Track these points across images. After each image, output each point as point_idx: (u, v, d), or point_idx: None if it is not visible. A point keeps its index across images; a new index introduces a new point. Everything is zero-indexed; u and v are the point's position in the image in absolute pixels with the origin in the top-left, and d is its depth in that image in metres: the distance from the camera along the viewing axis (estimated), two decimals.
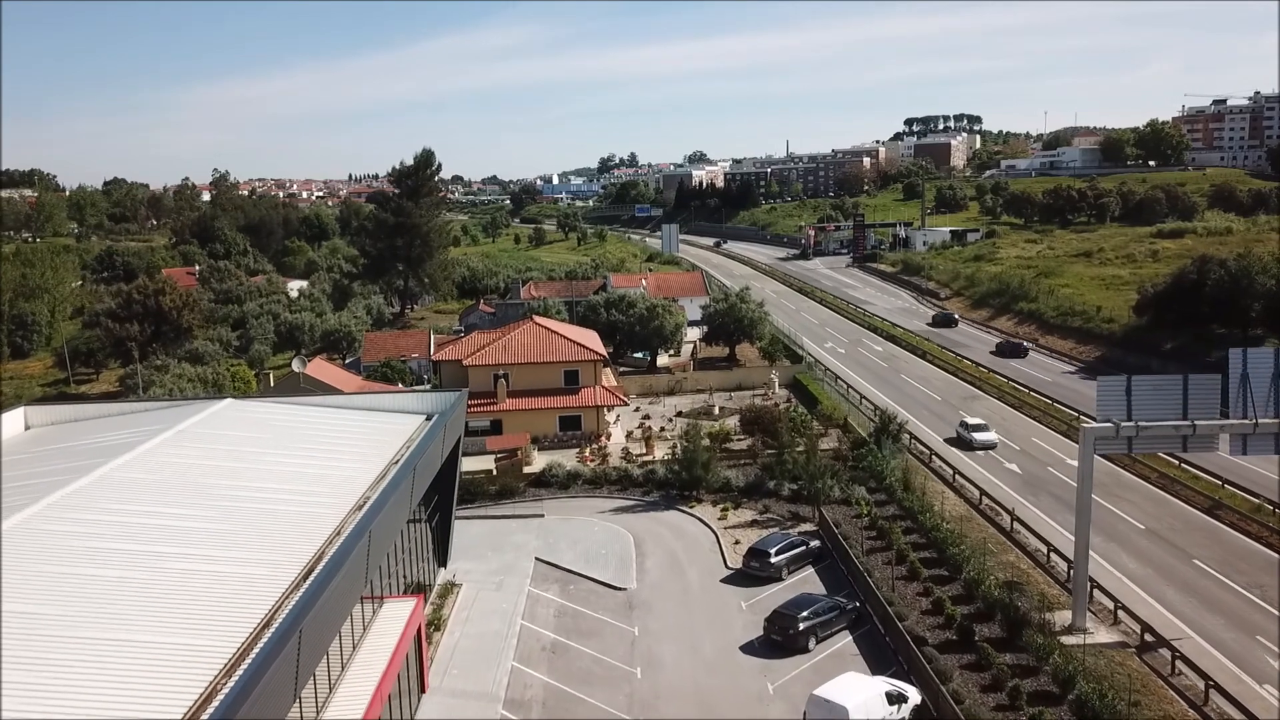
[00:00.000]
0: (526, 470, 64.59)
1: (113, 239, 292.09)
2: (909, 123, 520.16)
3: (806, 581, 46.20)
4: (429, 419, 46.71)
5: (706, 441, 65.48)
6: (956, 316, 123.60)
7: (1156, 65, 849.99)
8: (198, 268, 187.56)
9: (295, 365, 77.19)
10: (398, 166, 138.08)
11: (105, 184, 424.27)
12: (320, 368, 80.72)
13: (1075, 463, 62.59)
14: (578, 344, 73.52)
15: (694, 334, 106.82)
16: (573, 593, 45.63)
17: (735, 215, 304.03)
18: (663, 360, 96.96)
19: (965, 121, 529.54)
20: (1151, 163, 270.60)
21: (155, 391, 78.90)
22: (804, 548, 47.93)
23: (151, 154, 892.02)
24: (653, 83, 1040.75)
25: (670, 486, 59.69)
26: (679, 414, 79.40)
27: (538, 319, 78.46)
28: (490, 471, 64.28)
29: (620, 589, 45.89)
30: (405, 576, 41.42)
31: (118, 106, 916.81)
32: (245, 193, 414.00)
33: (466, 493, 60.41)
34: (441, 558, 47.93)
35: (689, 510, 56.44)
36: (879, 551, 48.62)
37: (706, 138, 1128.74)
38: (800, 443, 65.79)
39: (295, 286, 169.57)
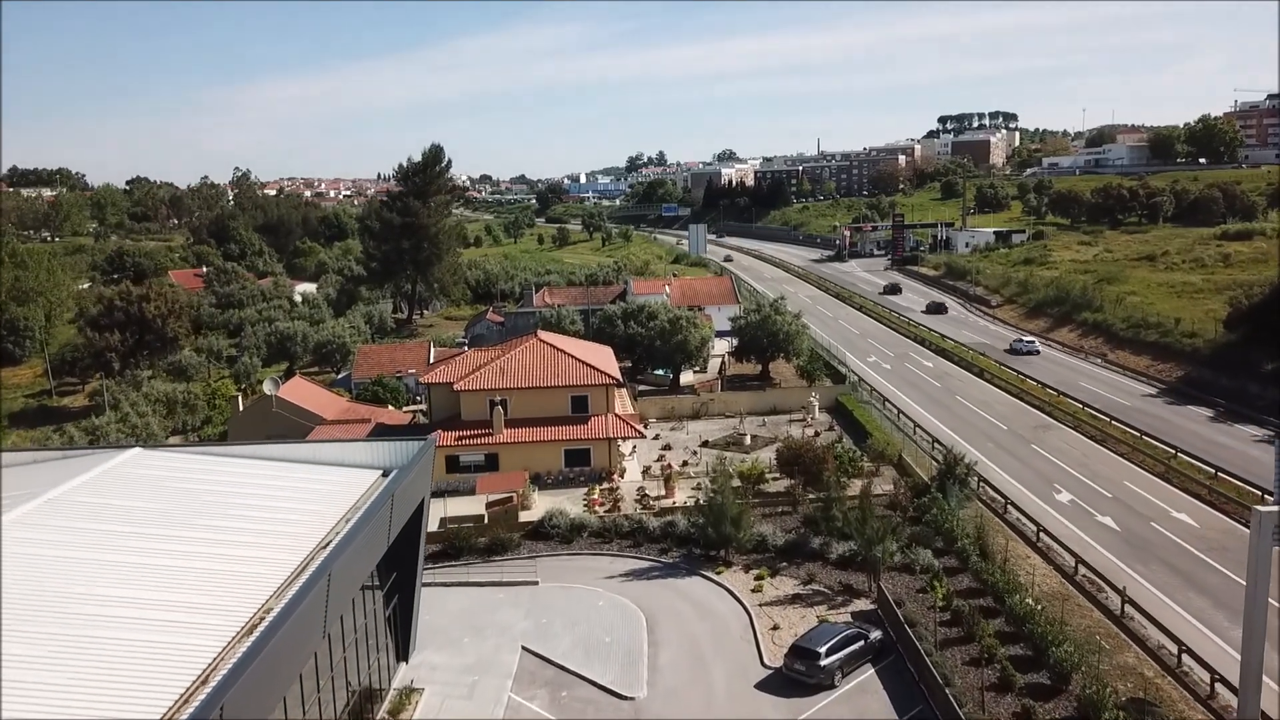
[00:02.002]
0: (523, 517, 54.70)
1: (133, 238, 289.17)
2: (942, 120, 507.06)
3: (866, 689, 35.87)
4: (385, 475, 37.01)
5: (737, 482, 55.54)
6: (901, 285, 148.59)
7: (1195, 62, 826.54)
8: (205, 269, 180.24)
9: (266, 387, 67.96)
10: (405, 163, 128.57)
11: (128, 182, 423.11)
12: (297, 389, 71.31)
13: (1184, 517, 52.17)
14: (588, 365, 63.51)
15: (722, 346, 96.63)
16: (565, 702, 35.52)
17: (766, 215, 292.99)
18: (687, 378, 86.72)
19: (1000, 119, 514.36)
20: (1202, 160, 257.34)
21: (107, 417, 69.63)
22: (862, 642, 37.51)
23: (189, 154, 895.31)
24: (682, 82, 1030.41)
25: (693, 543, 49.57)
26: (705, 443, 69.25)
27: (543, 335, 68.55)
28: (481, 518, 54.51)
29: (626, 698, 35.68)
30: (349, 682, 31.67)
31: (157, 107, 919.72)
32: (273, 192, 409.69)
33: (450, 547, 50.95)
34: (402, 648, 38.05)
35: (715, 577, 46.21)
36: (957, 644, 38.22)
37: (736, 136, 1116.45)
38: (848, 484, 55.91)
39: (302, 289, 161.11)
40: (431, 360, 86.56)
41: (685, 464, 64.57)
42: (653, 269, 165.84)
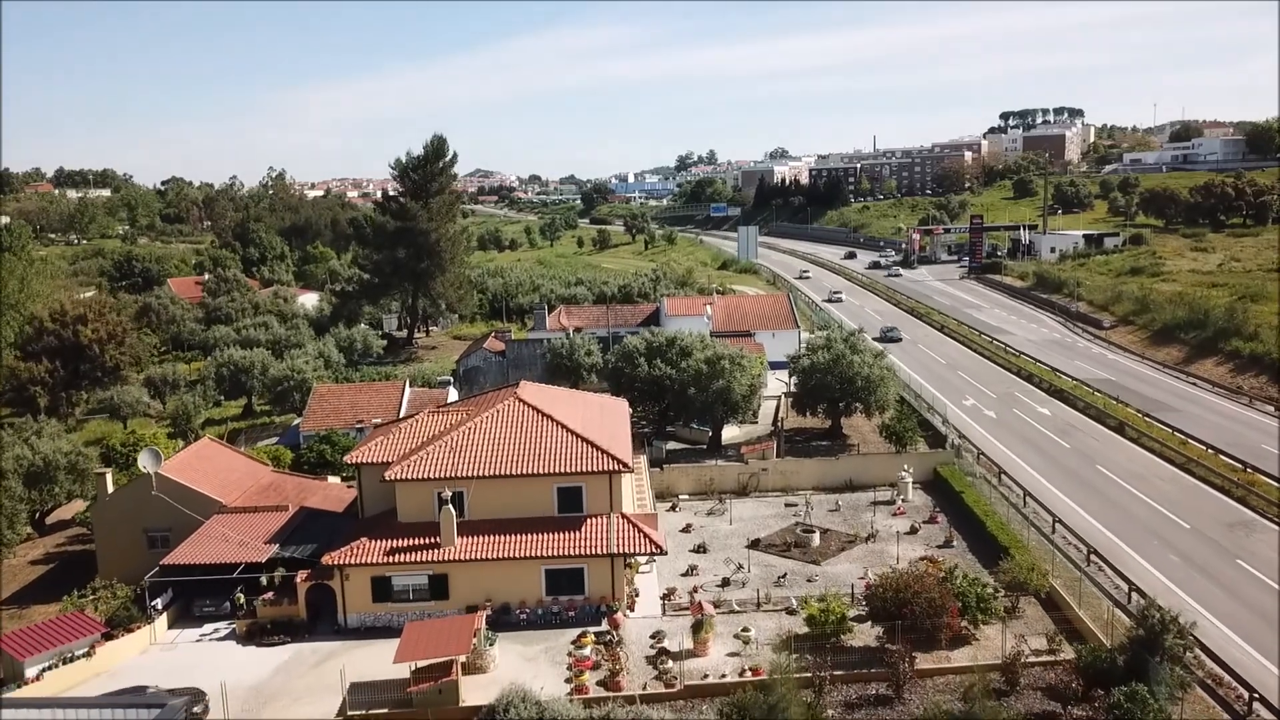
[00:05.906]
0: (470, 692, 35.16)
1: (163, 240, 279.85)
2: (1004, 116, 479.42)
3: None
4: None
5: (804, 626, 36.08)
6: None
7: (1261, 58, 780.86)
8: (205, 277, 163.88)
9: (142, 461, 48.86)
10: (404, 158, 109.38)
11: (162, 183, 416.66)
12: (197, 460, 52.39)
13: None
14: (585, 440, 43.60)
15: (776, 385, 76.50)
16: None
17: (822, 215, 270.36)
18: (731, 432, 66.30)
19: (1066, 115, 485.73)
20: None
21: None
22: None
23: (243, 157, 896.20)
24: (734, 81, 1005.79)
25: None
26: (754, 543, 49.23)
27: (525, 390, 48.59)
28: (407, 696, 35.07)
29: None
30: None
31: (215, 111, 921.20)
32: (321, 193, 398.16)
33: None
34: None
35: None
36: None
37: (788, 134, 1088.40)
38: (976, 635, 36.26)
39: (306, 300, 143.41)
40: (404, 409, 67.37)
41: (726, 583, 44.60)
42: (696, 277, 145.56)
